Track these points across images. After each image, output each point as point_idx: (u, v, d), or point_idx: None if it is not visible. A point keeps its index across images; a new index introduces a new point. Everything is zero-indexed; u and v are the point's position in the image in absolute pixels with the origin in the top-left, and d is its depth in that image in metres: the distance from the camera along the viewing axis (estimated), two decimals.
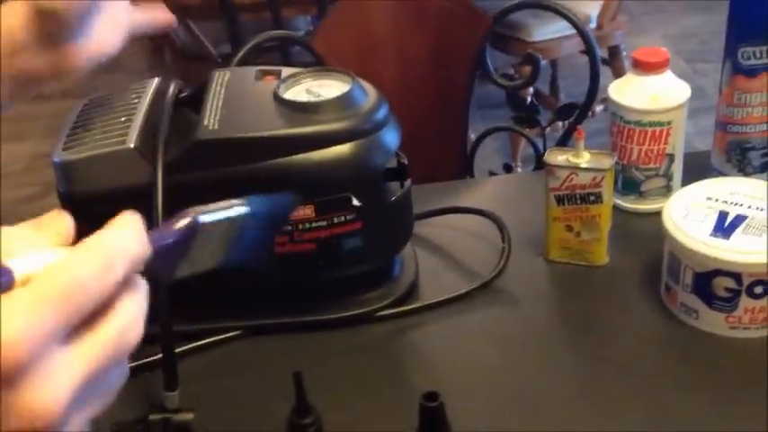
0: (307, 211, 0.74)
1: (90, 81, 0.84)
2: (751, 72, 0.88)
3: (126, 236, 0.40)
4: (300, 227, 0.74)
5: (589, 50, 1.17)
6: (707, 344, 0.76)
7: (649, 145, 0.89)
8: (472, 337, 0.80)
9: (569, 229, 0.85)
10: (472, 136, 1.44)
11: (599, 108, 2.34)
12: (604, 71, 2.70)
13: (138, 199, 0.68)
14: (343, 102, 0.75)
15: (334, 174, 0.74)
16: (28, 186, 2.88)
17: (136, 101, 0.78)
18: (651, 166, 0.90)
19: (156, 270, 0.43)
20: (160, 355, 0.69)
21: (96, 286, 0.37)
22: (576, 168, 0.82)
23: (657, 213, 0.81)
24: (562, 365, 0.76)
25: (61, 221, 0.42)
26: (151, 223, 0.66)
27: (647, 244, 0.87)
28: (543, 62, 2.86)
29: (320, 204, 0.74)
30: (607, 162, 0.82)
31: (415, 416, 0.64)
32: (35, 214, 0.41)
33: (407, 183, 0.80)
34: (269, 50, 1.84)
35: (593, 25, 2.60)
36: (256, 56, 1.16)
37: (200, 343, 0.79)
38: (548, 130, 1.34)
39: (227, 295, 0.80)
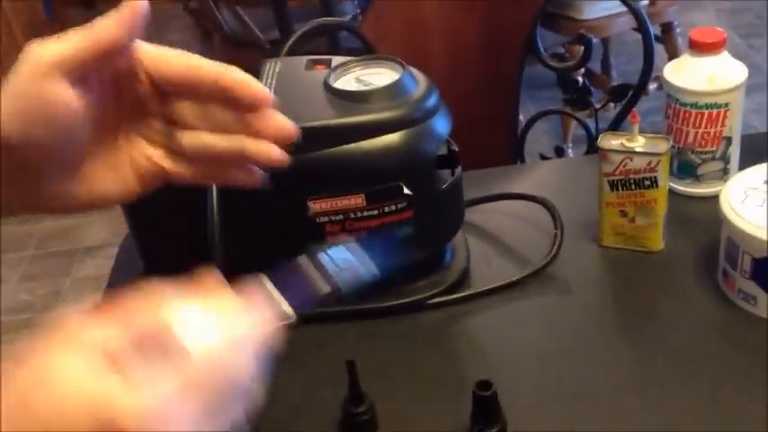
0: (357, 201, 0.74)
1: None
2: None
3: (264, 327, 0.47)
4: (352, 216, 0.75)
5: (642, 28, 1.15)
6: (766, 331, 0.75)
7: (706, 128, 0.87)
8: (524, 325, 0.80)
9: (623, 214, 0.84)
10: (522, 118, 1.43)
11: (652, 87, 2.29)
12: (657, 49, 2.64)
13: (194, 189, 0.70)
14: (394, 90, 0.75)
15: (384, 163, 0.74)
16: None
17: None
18: (708, 149, 0.89)
19: None
20: None
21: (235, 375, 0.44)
22: (630, 153, 0.80)
23: (714, 197, 0.79)
24: (616, 353, 0.76)
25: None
26: (205, 217, 0.67)
27: (703, 229, 0.85)
28: (594, 41, 2.82)
29: (371, 193, 0.74)
30: (663, 146, 0.80)
31: (466, 404, 0.64)
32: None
33: (458, 170, 0.80)
34: (316, 35, 1.85)
35: (645, 1, 2.54)
36: (304, 42, 1.16)
37: None
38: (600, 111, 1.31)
39: None
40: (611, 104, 1.28)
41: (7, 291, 2.40)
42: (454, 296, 0.82)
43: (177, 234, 0.76)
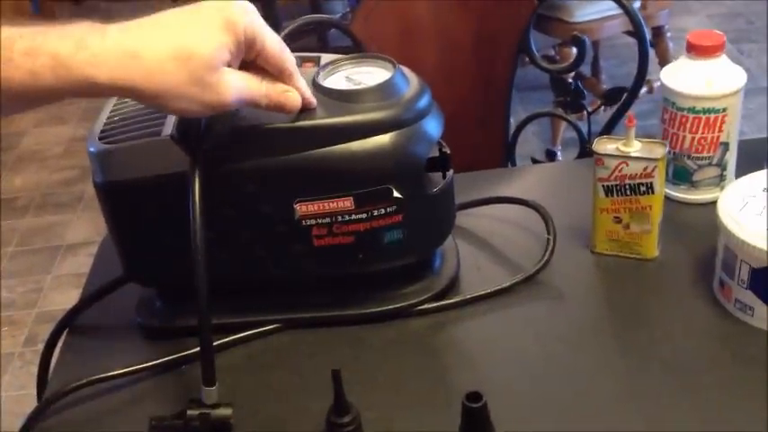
0: (345, 203, 0.72)
1: None
2: None
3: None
4: (339, 219, 0.72)
5: (637, 31, 1.13)
6: (762, 342, 0.73)
7: (703, 133, 0.85)
8: (515, 332, 0.78)
9: (618, 220, 0.82)
10: (512, 120, 1.41)
11: (642, 90, 2.28)
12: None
13: (175, 188, 0.68)
14: (385, 90, 0.73)
15: (374, 165, 0.72)
16: (67, 170, 2.91)
17: None
18: (705, 154, 0.87)
19: None
20: (198, 349, 0.68)
21: None
22: (626, 158, 0.78)
23: (710, 204, 0.77)
24: (609, 363, 0.74)
25: None
26: (187, 213, 0.65)
27: (699, 236, 0.84)
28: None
29: (359, 196, 0.72)
30: (659, 151, 0.79)
31: (455, 415, 0.62)
32: (75, 198, 0.42)
33: (450, 173, 0.78)
34: (305, 33, 1.83)
35: (636, 5, 2.53)
36: (293, 39, 1.14)
37: (238, 336, 0.78)
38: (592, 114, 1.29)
39: (266, 288, 0.79)
40: (603, 107, 1.27)
41: None
42: (443, 302, 0.80)
43: (158, 236, 0.74)
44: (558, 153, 2.45)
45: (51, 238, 2.57)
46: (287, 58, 0.68)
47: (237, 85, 0.64)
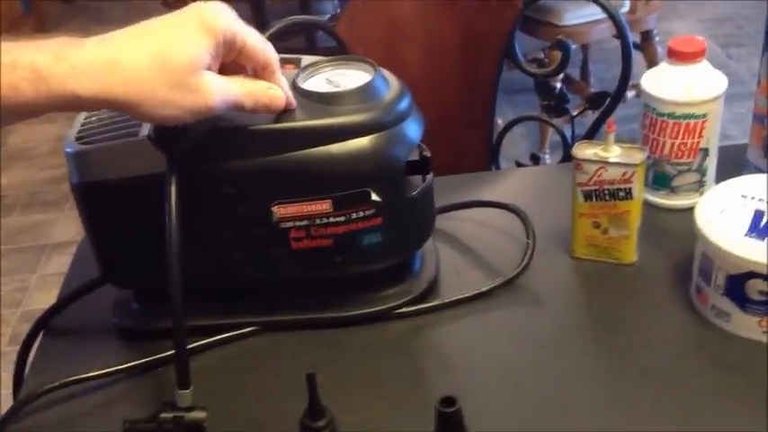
0: (324, 206, 0.72)
1: None
2: None
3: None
4: (317, 222, 0.72)
5: (621, 36, 1.13)
6: (739, 348, 0.73)
7: (683, 138, 0.86)
8: (494, 336, 0.78)
9: (597, 225, 0.82)
10: (500, 122, 1.41)
11: (630, 94, 2.29)
12: (636, 56, 2.65)
13: (152, 190, 0.67)
14: (364, 92, 0.72)
15: (353, 168, 0.71)
16: (55, 168, 2.89)
17: None
18: (684, 160, 0.87)
19: None
20: (173, 352, 0.68)
21: None
22: (605, 163, 0.78)
23: (690, 210, 0.77)
24: (587, 368, 0.74)
25: None
26: (163, 215, 0.65)
27: (678, 242, 0.84)
28: (574, 47, 2.81)
29: (338, 199, 0.71)
30: (638, 157, 0.79)
31: (431, 418, 0.61)
32: (62, 197, 0.42)
33: (429, 176, 0.78)
34: (294, 35, 1.82)
35: (625, 9, 2.54)
36: (281, 40, 1.13)
37: (215, 338, 0.78)
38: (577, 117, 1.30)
39: (244, 290, 0.79)
40: (589, 112, 1.27)
41: None
42: (422, 306, 0.80)
43: (135, 238, 0.73)
44: (547, 156, 2.46)
45: (38, 236, 2.56)
46: (270, 51, 0.68)
47: (220, 88, 0.64)
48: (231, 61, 0.66)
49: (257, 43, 0.66)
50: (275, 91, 0.68)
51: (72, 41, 0.59)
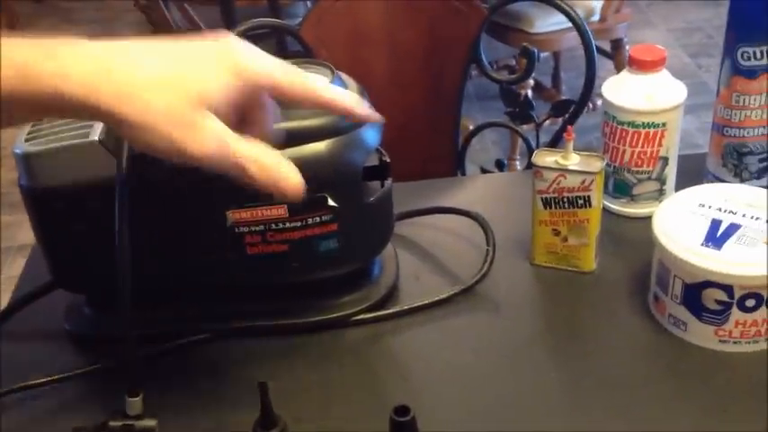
0: (279, 211, 0.71)
1: None
2: (750, 73, 0.84)
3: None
4: (273, 227, 0.71)
5: (584, 44, 1.13)
6: (695, 357, 0.73)
7: (642, 147, 0.86)
8: (452, 344, 0.77)
9: (556, 233, 0.82)
10: (471, 127, 1.41)
11: (600, 101, 2.30)
12: (607, 65, 2.68)
13: (102, 194, 0.66)
14: None
15: (309, 172, 0.70)
16: None
17: None
18: (644, 168, 0.87)
19: None
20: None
21: None
22: (564, 171, 0.78)
23: (649, 218, 0.77)
24: (545, 375, 0.73)
25: None
26: (114, 219, 0.64)
27: (637, 250, 0.84)
28: (545, 54, 2.83)
29: (293, 204, 0.70)
30: (597, 165, 0.79)
31: (387, 427, 0.61)
32: None
33: (388, 182, 0.77)
34: (264, 37, 1.81)
35: (596, 17, 2.56)
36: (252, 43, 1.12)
37: (166, 345, 0.77)
38: (547, 123, 1.30)
39: (198, 296, 0.78)
40: (559, 119, 1.27)
41: None
42: (380, 313, 0.79)
43: (85, 242, 0.72)
44: (517, 163, 2.46)
45: (3, 238, 2.52)
46: (306, 77, 0.60)
47: (220, 136, 0.55)
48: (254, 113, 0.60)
49: (288, 72, 0.59)
50: (288, 167, 0.59)
51: (68, 41, 0.54)
